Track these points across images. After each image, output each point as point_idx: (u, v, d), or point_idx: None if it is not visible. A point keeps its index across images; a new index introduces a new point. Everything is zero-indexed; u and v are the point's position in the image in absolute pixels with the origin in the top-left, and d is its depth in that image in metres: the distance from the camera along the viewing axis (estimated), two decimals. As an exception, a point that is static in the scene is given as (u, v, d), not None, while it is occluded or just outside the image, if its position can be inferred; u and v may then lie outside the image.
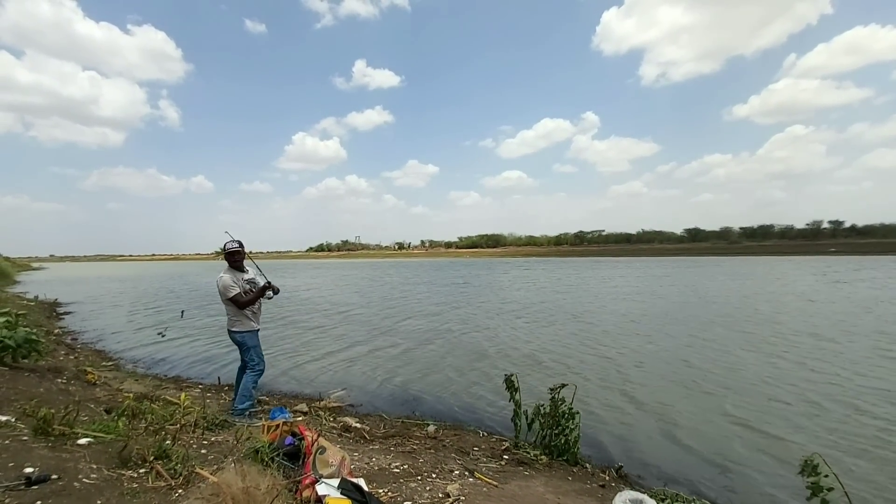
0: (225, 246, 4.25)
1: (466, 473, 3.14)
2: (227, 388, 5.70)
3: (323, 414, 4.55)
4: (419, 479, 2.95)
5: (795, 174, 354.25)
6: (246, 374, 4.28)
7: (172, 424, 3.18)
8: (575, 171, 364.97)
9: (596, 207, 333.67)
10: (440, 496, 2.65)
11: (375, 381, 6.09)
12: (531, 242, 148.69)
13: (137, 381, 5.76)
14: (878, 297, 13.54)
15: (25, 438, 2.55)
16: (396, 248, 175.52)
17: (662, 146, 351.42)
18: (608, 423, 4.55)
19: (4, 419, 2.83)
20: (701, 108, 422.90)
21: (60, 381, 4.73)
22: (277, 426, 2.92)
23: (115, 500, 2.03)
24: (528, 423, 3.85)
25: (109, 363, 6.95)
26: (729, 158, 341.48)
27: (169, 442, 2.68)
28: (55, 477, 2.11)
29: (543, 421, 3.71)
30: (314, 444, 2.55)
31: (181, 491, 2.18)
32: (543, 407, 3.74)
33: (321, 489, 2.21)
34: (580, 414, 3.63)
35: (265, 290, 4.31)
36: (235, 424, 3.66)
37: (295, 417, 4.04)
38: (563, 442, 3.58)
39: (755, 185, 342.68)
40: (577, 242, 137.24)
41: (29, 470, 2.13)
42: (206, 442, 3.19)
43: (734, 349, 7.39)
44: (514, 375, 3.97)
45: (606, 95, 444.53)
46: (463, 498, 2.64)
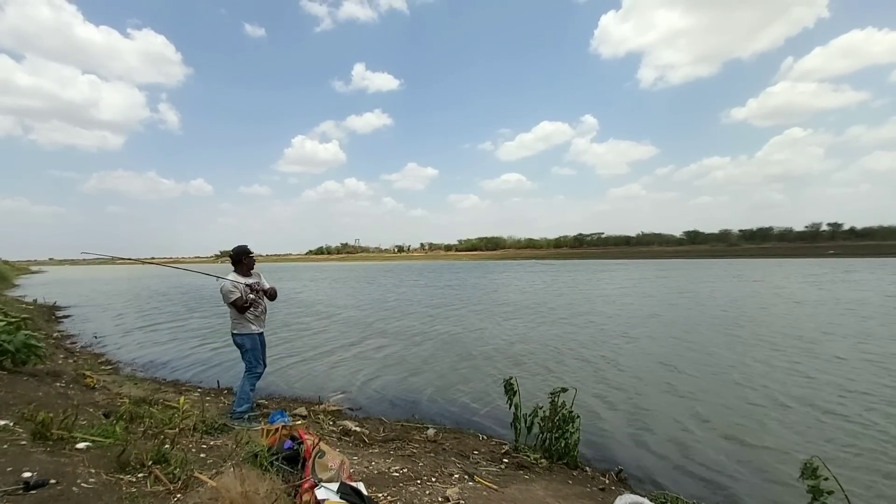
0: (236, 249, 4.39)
1: (466, 477, 3.13)
2: (226, 391, 5.70)
3: (322, 417, 4.54)
4: (419, 482, 2.95)
5: (794, 176, 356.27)
6: (243, 376, 4.32)
7: (171, 428, 3.17)
8: (574, 173, 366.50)
9: (595, 210, 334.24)
10: (440, 500, 2.64)
11: (375, 384, 6.08)
12: (531, 245, 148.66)
13: (136, 384, 5.74)
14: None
15: (24, 443, 2.54)
16: (396, 250, 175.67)
17: (661, 149, 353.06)
18: (608, 426, 4.54)
19: (3, 423, 2.82)
20: (699, 110, 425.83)
21: (59, 384, 4.72)
22: (276, 430, 2.91)
23: (113, 504, 2.02)
24: (527, 426, 3.84)
25: (108, 367, 6.94)
26: (727, 161, 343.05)
27: (168, 446, 2.67)
28: (53, 481, 2.10)
29: (543, 424, 3.70)
30: (313, 447, 2.55)
31: (180, 495, 2.17)
32: (543, 410, 3.73)
33: (320, 493, 2.20)
34: (580, 417, 3.62)
35: (260, 293, 4.37)
36: (234, 428, 3.66)
37: (294, 421, 4.03)
38: (562, 445, 3.57)
39: (754, 187, 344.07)
40: (576, 245, 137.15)
41: (27, 474, 2.12)
42: (205, 446, 3.17)
43: (739, 354, 7.39)
44: (513, 378, 3.95)
45: (605, 98, 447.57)
46: (463, 502, 2.63)
